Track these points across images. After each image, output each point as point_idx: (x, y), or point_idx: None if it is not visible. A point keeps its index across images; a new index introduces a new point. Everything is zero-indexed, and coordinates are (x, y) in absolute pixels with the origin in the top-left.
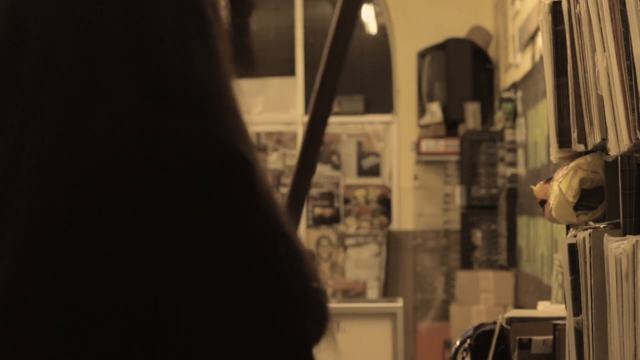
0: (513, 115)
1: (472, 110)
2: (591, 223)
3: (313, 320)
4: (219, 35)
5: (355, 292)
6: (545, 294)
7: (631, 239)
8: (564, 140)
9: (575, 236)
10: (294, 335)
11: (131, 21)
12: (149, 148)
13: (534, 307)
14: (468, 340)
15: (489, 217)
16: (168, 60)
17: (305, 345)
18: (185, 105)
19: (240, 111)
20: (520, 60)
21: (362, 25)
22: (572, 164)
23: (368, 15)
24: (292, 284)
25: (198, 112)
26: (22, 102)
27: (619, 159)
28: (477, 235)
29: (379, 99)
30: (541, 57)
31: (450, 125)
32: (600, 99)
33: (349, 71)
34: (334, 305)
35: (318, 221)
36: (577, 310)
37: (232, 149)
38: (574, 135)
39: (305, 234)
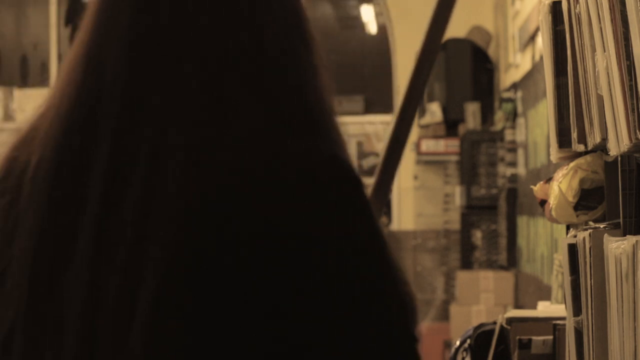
0: (513, 115)
1: (472, 110)
2: (591, 223)
3: (414, 322)
4: (317, 48)
5: None
6: (545, 294)
7: (631, 239)
8: (564, 140)
9: (575, 236)
10: (409, 336)
11: (251, 43)
12: (275, 169)
13: (534, 307)
14: (468, 340)
15: (489, 217)
16: (284, 79)
17: (415, 343)
18: (300, 122)
19: (338, 123)
20: (520, 60)
21: (362, 26)
22: (572, 164)
23: (368, 15)
24: (402, 290)
25: (312, 129)
26: (155, 122)
27: (619, 159)
28: (477, 235)
29: (379, 99)
30: (541, 57)
31: (450, 125)
32: (600, 99)
33: (349, 71)
34: None
35: None
36: (577, 310)
37: (348, 168)
38: (574, 135)
39: None
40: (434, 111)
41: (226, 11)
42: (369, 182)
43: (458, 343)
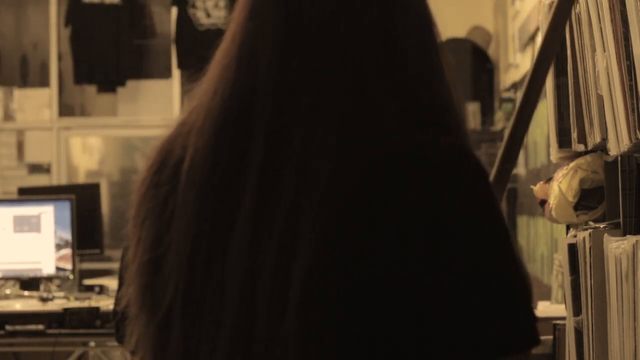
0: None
1: (472, 110)
2: (591, 223)
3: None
4: (444, 49)
5: None
6: (545, 294)
7: (631, 239)
8: (564, 140)
9: (575, 236)
10: (533, 316)
11: (389, 49)
12: (415, 161)
13: (534, 307)
14: None
15: None
16: (417, 75)
17: (536, 323)
18: (433, 116)
19: (463, 115)
20: (520, 60)
21: None
22: (572, 164)
23: None
24: (526, 275)
25: (444, 124)
26: (305, 122)
27: (619, 159)
28: None
29: None
30: None
31: None
32: (600, 99)
33: None
34: None
35: None
36: (577, 310)
37: (476, 161)
38: (574, 135)
39: None
40: None
41: (367, 19)
42: None
43: None
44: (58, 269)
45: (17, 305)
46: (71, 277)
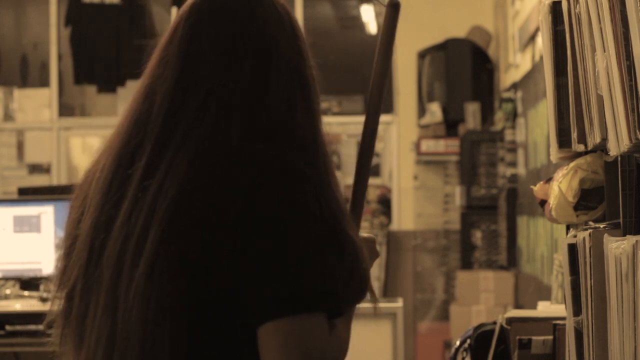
0: (513, 115)
1: (472, 110)
2: (591, 223)
3: (350, 282)
4: (315, 86)
5: None
6: (545, 294)
7: (631, 239)
8: (564, 140)
9: (575, 236)
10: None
11: (255, 84)
12: (235, 164)
13: (534, 307)
14: (468, 341)
15: (489, 217)
16: (272, 114)
17: (334, 285)
18: (280, 140)
19: (324, 145)
20: (520, 60)
21: (362, 26)
22: (572, 164)
23: (368, 15)
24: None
25: (288, 144)
26: (177, 140)
27: (619, 159)
28: (477, 235)
29: None
30: (541, 57)
31: (450, 125)
32: (600, 99)
33: (349, 71)
34: None
35: None
36: (577, 310)
37: (282, 163)
38: (574, 135)
39: None
40: (434, 111)
41: (246, 74)
42: (370, 182)
43: (458, 343)
44: None
45: (17, 305)
46: None
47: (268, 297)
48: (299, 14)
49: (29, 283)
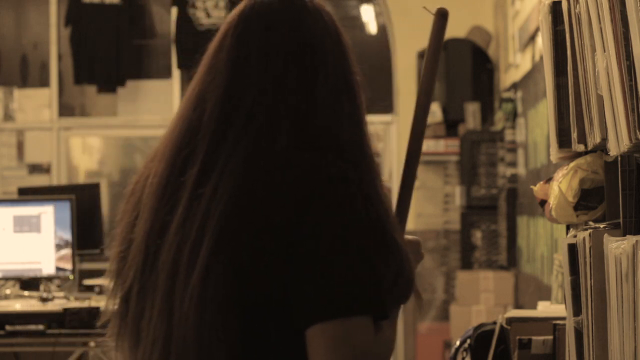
0: (513, 115)
1: (472, 110)
2: (591, 223)
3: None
4: (359, 92)
5: None
6: (545, 294)
7: (631, 239)
8: (564, 140)
9: (575, 236)
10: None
11: (301, 91)
12: (284, 173)
13: (534, 307)
14: (468, 341)
15: (489, 217)
16: (318, 120)
17: (379, 284)
18: (327, 145)
19: (370, 149)
20: (520, 60)
21: (362, 26)
22: (572, 164)
23: (368, 15)
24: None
25: (334, 149)
26: (228, 148)
27: (619, 159)
28: (477, 235)
29: (379, 99)
30: (541, 57)
31: (450, 125)
32: (600, 99)
33: None
34: None
35: None
36: (577, 310)
37: (332, 172)
38: (574, 135)
39: None
40: (434, 111)
41: (291, 84)
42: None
43: (458, 343)
44: (58, 269)
45: (17, 305)
46: (71, 277)
47: (316, 300)
48: None
49: (28, 283)
